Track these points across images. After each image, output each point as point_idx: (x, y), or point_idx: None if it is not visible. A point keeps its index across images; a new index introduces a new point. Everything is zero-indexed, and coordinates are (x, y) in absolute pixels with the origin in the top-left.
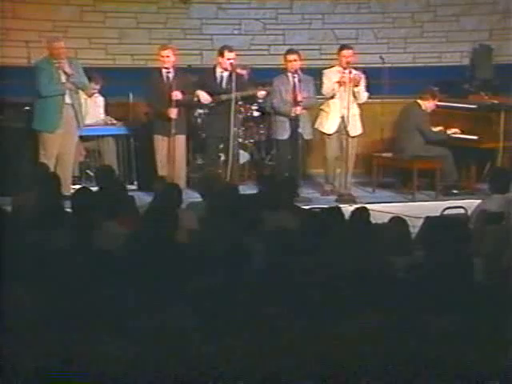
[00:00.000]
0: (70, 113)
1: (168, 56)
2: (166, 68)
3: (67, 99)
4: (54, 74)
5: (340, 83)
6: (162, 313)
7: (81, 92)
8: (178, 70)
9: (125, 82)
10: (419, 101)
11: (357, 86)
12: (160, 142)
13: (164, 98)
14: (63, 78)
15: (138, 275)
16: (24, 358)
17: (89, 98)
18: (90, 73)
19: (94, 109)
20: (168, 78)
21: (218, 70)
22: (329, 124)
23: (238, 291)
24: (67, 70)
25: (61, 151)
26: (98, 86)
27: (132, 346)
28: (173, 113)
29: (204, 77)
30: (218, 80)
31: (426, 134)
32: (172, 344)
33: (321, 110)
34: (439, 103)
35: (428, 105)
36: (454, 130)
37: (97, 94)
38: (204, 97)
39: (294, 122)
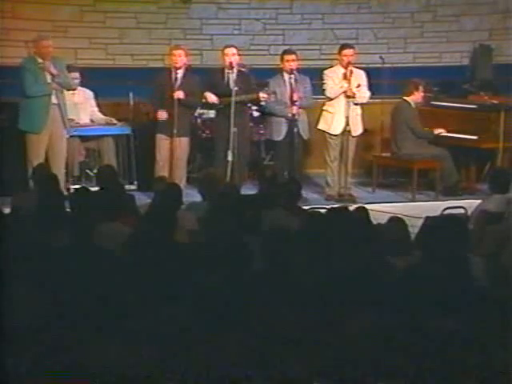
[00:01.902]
0: (56, 113)
1: (180, 56)
2: (175, 68)
3: (54, 99)
4: (40, 73)
5: (344, 92)
6: (161, 313)
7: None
8: (187, 70)
9: (125, 82)
10: (405, 97)
11: (353, 97)
12: (161, 142)
13: (168, 97)
14: (48, 78)
15: (138, 275)
16: (23, 359)
17: (74, 91)
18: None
19: (85, 102)
20: (176, 78)
21: (226, 71)
22: (335, 125)
23: (242, 293)
24: (52, 70)
25: (50, 152)
26: (77, 75)
27: (132, 347)
28: (162, 115)
29: (212, 77)
30: (226, 80)
31: (416, 131)
32: (172, 344)
33: (323, 110)
34: (439, 103)
35: (415, 98)
36: (440, 130)
37: (84, 89)
38: (211, 98)
39: (292, 122)
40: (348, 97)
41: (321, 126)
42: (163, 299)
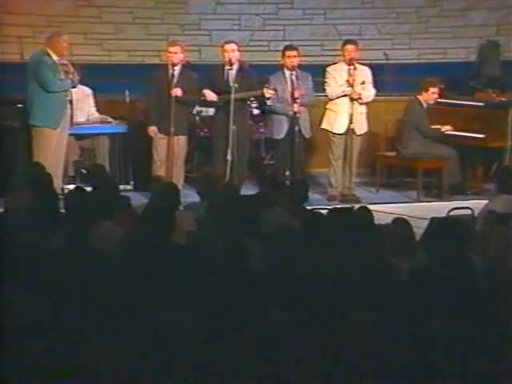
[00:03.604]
0: (68, 109)
1: (176, 52)
2: (172, 64)
3: (68, 95)
4: (56, 69)
5: (347, 90)
6: (160, 314)
7: None
8: (185, 67)
9: (121, 79)
10: (418, 96)
11: (360, 98)
12: (159, 141)
13: (165, 94)
14: (62, 74)
15: (135, 277)
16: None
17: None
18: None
19: (83, 100)
20: (173, 75)
21: (226, 68)
22: (338, 124)
23: (242, 294)
24: (70, 67)
25: (55, 148)
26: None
27: (131, 347)
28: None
29: (211, 74)
30: (225, 78)
31: (422, 129)
32: (171, 345)
33: (327, 109)
34: (445, 100)
35: (424, 98)
36: (447, 127)
37: (83, 86)
38: (210, 95)
39: (293, 120)
40: (353, 99)
41: (324, 125)
42: (161, 300)
